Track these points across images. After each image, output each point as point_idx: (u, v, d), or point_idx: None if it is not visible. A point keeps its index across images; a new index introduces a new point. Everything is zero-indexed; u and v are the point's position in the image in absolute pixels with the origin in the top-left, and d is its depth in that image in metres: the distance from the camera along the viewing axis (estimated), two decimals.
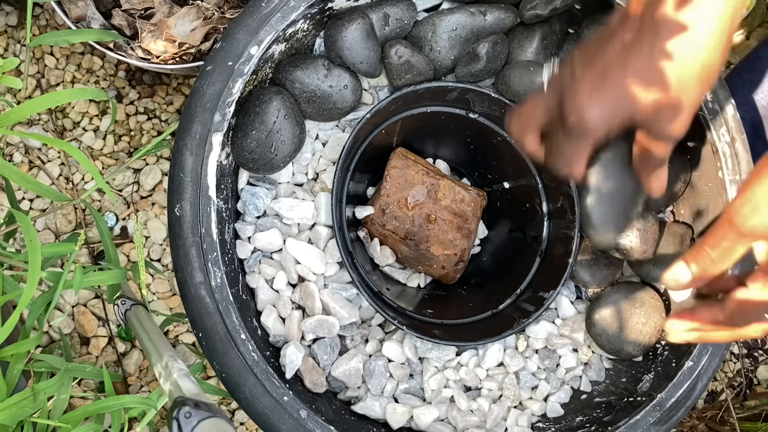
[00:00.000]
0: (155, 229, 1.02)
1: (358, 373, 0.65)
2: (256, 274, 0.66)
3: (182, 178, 0.60)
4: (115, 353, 0.99)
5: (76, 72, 1.05)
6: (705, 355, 0.63)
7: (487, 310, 0.70)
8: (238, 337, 0.58)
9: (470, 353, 0.69)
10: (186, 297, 0.59)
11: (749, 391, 1.04)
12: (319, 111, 0.67)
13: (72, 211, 1.02)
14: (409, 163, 0.72)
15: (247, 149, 0.63)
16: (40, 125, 1.03)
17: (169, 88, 1.06)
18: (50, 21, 1.06)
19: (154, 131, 1.05)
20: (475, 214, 0.74)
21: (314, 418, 0.58)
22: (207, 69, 0.61)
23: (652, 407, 0.62)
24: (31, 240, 0.48)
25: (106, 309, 1.00)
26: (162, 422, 0.98)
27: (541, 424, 0.68)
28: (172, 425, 0.48)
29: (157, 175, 1.03)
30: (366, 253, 0.73)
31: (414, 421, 0.66)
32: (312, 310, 0.65)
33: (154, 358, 0.61)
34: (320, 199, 0.67)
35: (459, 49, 0.68)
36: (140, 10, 0.89)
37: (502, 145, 0.72)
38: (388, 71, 0.67)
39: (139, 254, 0.59)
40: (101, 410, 0.56)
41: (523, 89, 0.66)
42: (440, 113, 0.71)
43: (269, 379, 0.58)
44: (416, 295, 0.74)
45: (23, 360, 0.56)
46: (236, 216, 0.68)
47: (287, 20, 0.62)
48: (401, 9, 0.67)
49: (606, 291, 0.69)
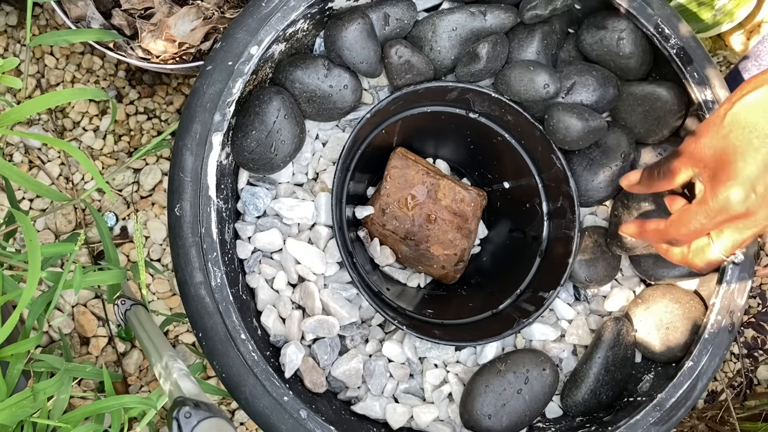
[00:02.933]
0: (155, 229, 1.02)
1: (358, 373, 0.65)
2: (256, 274, 0.66)
3: (182, 178, 0.60)
4: (115, 353, 0.99)
5: (76, 72, 1.05)
6: (705, 355, 0.63)
7: (487, 310, 0.70)
8: (238, 337, 0.58)
9: (469, 350, 0.69)
10: (186, 297, 0.59)
11: (749, 391, 1.04)
12: (319, 111, 0.67)
13: (72, 211, 1.02)
14: (409, 163, 0.72)
15: (247, 149, 0.63)
16: (40, 125, 1.03)
17: (169, 88, 1.06)
18: (50, 21, 1.06)
19: (154, 131, 1.05)
20: (475, 214, 0.74)
21: (314, 418, 0.58)
22: (207, 69, 0.61)
23: (652, 407, 0.62)
24: (31, 240, 0.48)
25: (106, 309, 1.00)
26: (162, 422, 0.98)
27: (541, 424, 0.68)
28: (172, 425, 0.48)
29: (157, 175, 1.03)
30: (366, 253, 0.73)
31: (414, 420, 0.66)
32: (312, 310, 0.65)
33: (154, 358, 0.61)
34: (320, 199, 0.67)
35: (459, 49, 0.68)
36: (140, 10, 0.89)
37: (502, 145, 0.72)
38: (388, 71, 0.67)
39: (139, 254, 0.59)
40: (101, 410, 0.56)
41: (523, 89, 0.66)
42: (440, 113, 0.71)
43: (269, 379, 0.58)
44: (416, 295, 0.74)
45: (23, 360, 0.56)
46: (236, 216, 0.68)
47: (287, 20, 0.62)
48: (401, 9, 0.67)
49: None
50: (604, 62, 0.69)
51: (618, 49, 0.67)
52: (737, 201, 0.47)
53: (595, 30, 0.68)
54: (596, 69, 0.68)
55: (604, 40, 0.67)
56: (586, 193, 0.68)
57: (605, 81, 0.67)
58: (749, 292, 0.65)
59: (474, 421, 0.63)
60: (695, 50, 0.66)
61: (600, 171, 0.68)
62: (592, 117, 0.66)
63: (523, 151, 0.71)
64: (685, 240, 0.53)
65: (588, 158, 0.68)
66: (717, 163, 0.48)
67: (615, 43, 0.67)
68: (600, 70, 0.68)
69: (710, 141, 0.49)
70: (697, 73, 0.65)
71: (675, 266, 0.67)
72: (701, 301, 0.68)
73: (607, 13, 0.68)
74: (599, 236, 0.69)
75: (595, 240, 0.69)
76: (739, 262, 0.63)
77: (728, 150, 0.47)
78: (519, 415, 0.64)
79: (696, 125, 0.68)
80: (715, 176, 0.48)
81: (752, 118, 0.46)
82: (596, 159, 0.68)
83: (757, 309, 1.07)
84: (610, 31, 0.67)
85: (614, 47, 0.67)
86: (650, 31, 0.66)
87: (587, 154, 0.69)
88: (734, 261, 0.60)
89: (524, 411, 0.64)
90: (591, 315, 0.71)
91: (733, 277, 0.64)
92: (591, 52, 0.69)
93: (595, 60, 0.69)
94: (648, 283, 0.71)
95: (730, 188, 0.47)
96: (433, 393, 0.67)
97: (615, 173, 0.68)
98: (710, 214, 0.49)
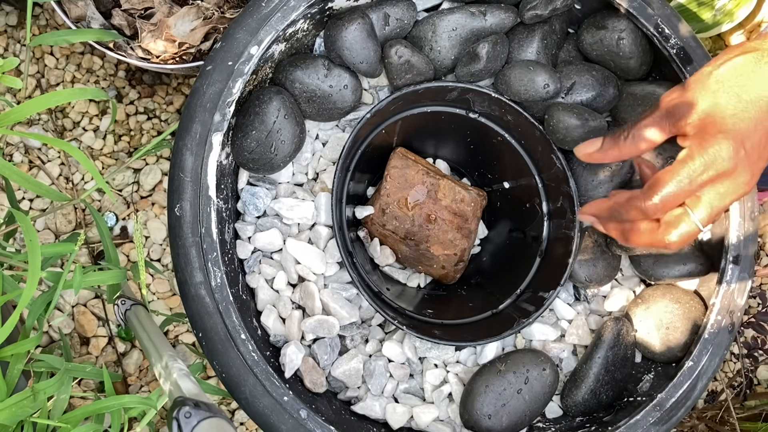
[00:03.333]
0: (155, 229, 1.02)
1: (358, 373, 0.65)
2: (256, 274, 0.66)
3: (182, 178, 0.60)
4: (115, 353, 0.99)
5: (76, 72, 1.05)
6: (705, 355, 0.63)
7: (487, 310, 0.70)
8: (238, 337, 0.58)
9: (469, 350, 0.69)
10: (186, 297, 0.59)
11: (749, 391, 1.04)
12: (319, 111, 0.67)
13: (72, 211, 1.02)
14: (409, 163, 0.72)
15: (247, 149, 0.63)
16: (40, 125, 1.03)
17: (169, 88, 1.06)
18: (50, 21, 1.06)
19: (154, 131, 1.05)
20: (475, 214, 0.74)
21: (314, 418, 0.58)
22: (207, 69, 0.61)
23: (652, 407, 0.62)
24: (31, 240, 0.48)
25: (106, 309, 1.00)
26: (162, 422, 0.98)
27: (541, 424, 0.68)
28: (172, 425, 0.48)
29: (157, 175, 1.03)
30: (366, 253, 0.73)
31: (414, 420, 0.66)
32: (312, 310, 0.65)
33: (154, 358, 0.61)
34: (320, 199, 0.67)
35: (459, 49, 0.68)
36: (140, 10, 0.89)
37: (502, 145, 0.72)
38: (388, 71, 0.67)
39: (139, 254, 0.59)
40: (101, 410, 0.56)
41: (523, 89, 0.66)
42: (440, 113, 0.71)
43: (269, 379, 0.58)
44: (416, 295, 0.74)
45: (23, 360, 0.56)
46: (236, 216, 0.68)
47: (287, 20, 0.62)
48: (401, 9, 0.67)
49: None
50: (604, 62, 0.69)
51: (618, 49, 0.67)
52: (727, 155, 0.47)
53: (595, 30, 0.68)
54: (596, 69, 0.68)
55: (604, 40, 0.67)
56: (586, 193, 0.68)
57: (605, 81, 0.67)
58: (749, 292, 0.65)
59: (474, 421, 0.63)
60: (695, 50, 0.66)
61: (600, 171, 0.68)
62: (592, 117, 0.66)
63: (523, 151, 0.71)
64: (660, 209, 0.50)
65: None
66: (704, 119, 0.48)
67: (615, 43, 0.67)
68: (600, 70, 0.68)
69: (696, 97, 0.48)
70: None
71: (675, 266, 0.67)
72: (701, 301, 0.68)
73: (607, 13, 0.68)
74: (599, 236, 0.69)
75: (595, 240, 0.69)
76: (706, 240, 0.62)
77: (718, 106, 0.47)
78: (519, 415, 0.64)
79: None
80: (703, 130, 0.48)
81: (741, 80, 0.47)
82: None
83: (757, 309, 1.07)
84: (610, 31, 0.67)
85: (614, 47, 0.67)
86: (650, 31, 0.66)
87: None
88: (703, 238, 0.58)
89: (524, 411, 0.64)
90: (591, 315, 0.71)
91: (733, 277, 0.64)
92: (591, 52, 0.69)
93: (595, 60, 0.69)
94: (648, 283, 0.71)
95: (721, 141, 0.47)
96: (433, 393, 0.67)
97: (615, 173, 0.68)
98: (696, 171, 0.47)
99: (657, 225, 0.51)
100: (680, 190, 0.48)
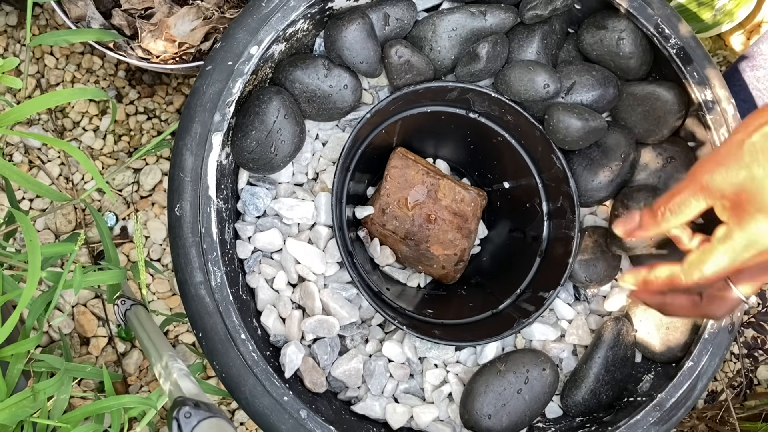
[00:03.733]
0: (155, 229, 1.02)
1: (358, 373, 0.65)
2: (256, 274, 0.66)
3: (182, 178, 0.60)
4: (115, 353, 0.99)
5: (76, 72, 1.05)
6: (705, 355, 0.63)
7: (487, 310, 0.70)
8: (238, 337, 0.58)
9: (469, 350, 0.69)
10: (186, 297, 0.59)
11: (749, 391, 1.04)
12: (319, 111, 0.67)
13: (72, 211, 1.02)
14: (409, 163, 0.72)
15: (247, 149, 0.63)
16: (40, 125, 1.03)
17: (169, 87, 1.06)
18: (50, 21, 1.06)
19: (154, 131, 1.05)
20: (475, 214, 0.74)
21: (314, 418, 0.58)
22: (207, 69, 0.61)
23: (652, 407, 0.62)
24: (31, 240, 0.48)
25: (106, 309, 1.00)
26: (162, 422, 0.98)
27: (541, 424, 0.68)
28: (172, 425, 0.48)
29: (157, 175, 1.03)
30: (366, 253, 0.73)
31: (414, 420, 0.66)
32: (312, 310, 0.65)
33: (154, 358, 0.61)
34: (320, 199, 0.67)
35: (459, 49, 0.68)
36: (140, 10, 0.89)
37: (502, 145, 0.72)
38: (388, 71, 0.67)
39: (139, 254, 0.59)
40: (101, 410, 0.56)
41: (523, 89, 0.66)
42: (440, 113, 0.71)
43: (269, 379, 0.58)
44: (416, 295, 0.74)
45: (23, 360, 0.56)
46: (236, 216, 0.68)
47: (287, 20, 0.62)
48: (401, 9, 0.67)
49: None
50: (604, 62, 0.69)
51: (618, 49, 0.67)
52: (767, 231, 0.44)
53: (595, 30, 0.68)
54: (596, 69, 0.68)
55: (604, 40, 0.67)
56: (586, 193, 0.68)
57: (605, 81, 0.67)
58: None
59: (474, 421, 0.63)
60: (695, 50, 0.66)
61: (600, 171, 0.68)
62: (592, 117, 0.66)
63: (523, 151, 0.71)
64: (703, 286, 0.49)
65: (588, 158, 0.68)
66: (740, 194, 0.45)
67: (615, 43, 0.67)
68: (600, 70, 0.68)
69: (730, 171, 0.45)
70: (697, 73, 0.65)
71: None
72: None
73: (607, 13, 0.68)
74: (599, 236, 0.69)
75: (595, 240, 0.69)
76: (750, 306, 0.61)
77: (754, 180, 0.44)
78: (519, 415, 0.64)
79: (696, 125, 0.68)
80: (739, 207, 0.45)
81: None
82: (596, 159, 0.68)
83: (757, 309, 1.07)
84: (610, 31, 0.67)
85: (614, 47, 0.67)
86: (650, 31, 0.66)
87: (587, 154, 0.69)
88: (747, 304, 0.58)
89: (524, 411, 0.64)
90: (591, 315, 0.71)
91: None
92: (591, 52, 0.69)
93: (595, 60, 0.69)
94: None
95: (759, 219, 0.44)
96: (433, 393, 0.67)
97: (615, 173, 0.68)
98: (737, 250, 0.46)
99: (698, 299, 0.51)
100: (722, 270, 0.47)
